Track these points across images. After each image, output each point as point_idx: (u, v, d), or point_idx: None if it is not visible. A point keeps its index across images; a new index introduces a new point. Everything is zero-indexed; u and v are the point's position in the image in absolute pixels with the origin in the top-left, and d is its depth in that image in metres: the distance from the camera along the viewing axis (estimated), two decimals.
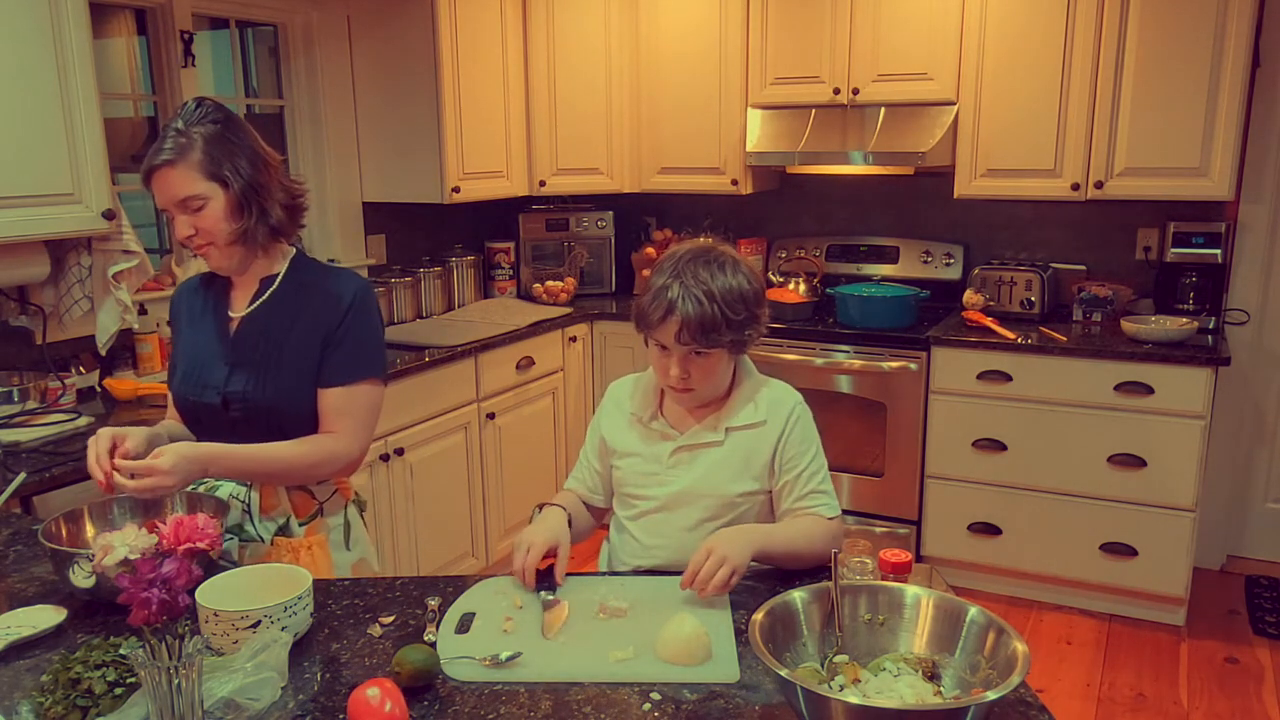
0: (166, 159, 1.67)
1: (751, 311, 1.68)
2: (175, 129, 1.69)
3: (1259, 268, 3.60)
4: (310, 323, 1.78)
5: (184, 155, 1.67)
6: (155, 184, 1.70)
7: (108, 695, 1.18)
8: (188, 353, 1.84)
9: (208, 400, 1.78)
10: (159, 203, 1.72)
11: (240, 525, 1.79)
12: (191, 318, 1.87)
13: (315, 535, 1.83)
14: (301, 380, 1.77)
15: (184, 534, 1.45)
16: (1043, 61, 3.44)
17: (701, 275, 1.64)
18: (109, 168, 2.55)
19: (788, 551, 1.65)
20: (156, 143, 1.70)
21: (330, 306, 1.78)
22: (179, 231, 1.73)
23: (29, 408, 2.53)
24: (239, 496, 1.79)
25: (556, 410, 3.94)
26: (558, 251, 4.38)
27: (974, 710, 1.05)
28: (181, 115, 1.71)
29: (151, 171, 1.69)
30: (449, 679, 1.31)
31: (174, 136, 1.68)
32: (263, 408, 1.76)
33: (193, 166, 1.68)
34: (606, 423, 1.84)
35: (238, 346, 1.79)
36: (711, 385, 1.72)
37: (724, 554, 1.52)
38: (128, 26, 3.21)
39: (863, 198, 4.19)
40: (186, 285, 1.93)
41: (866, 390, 3.62)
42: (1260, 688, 3.04)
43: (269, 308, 1.80)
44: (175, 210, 1.71)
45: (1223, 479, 3.74)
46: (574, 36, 4.08)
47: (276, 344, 1.78)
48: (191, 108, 1.71)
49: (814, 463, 1.74)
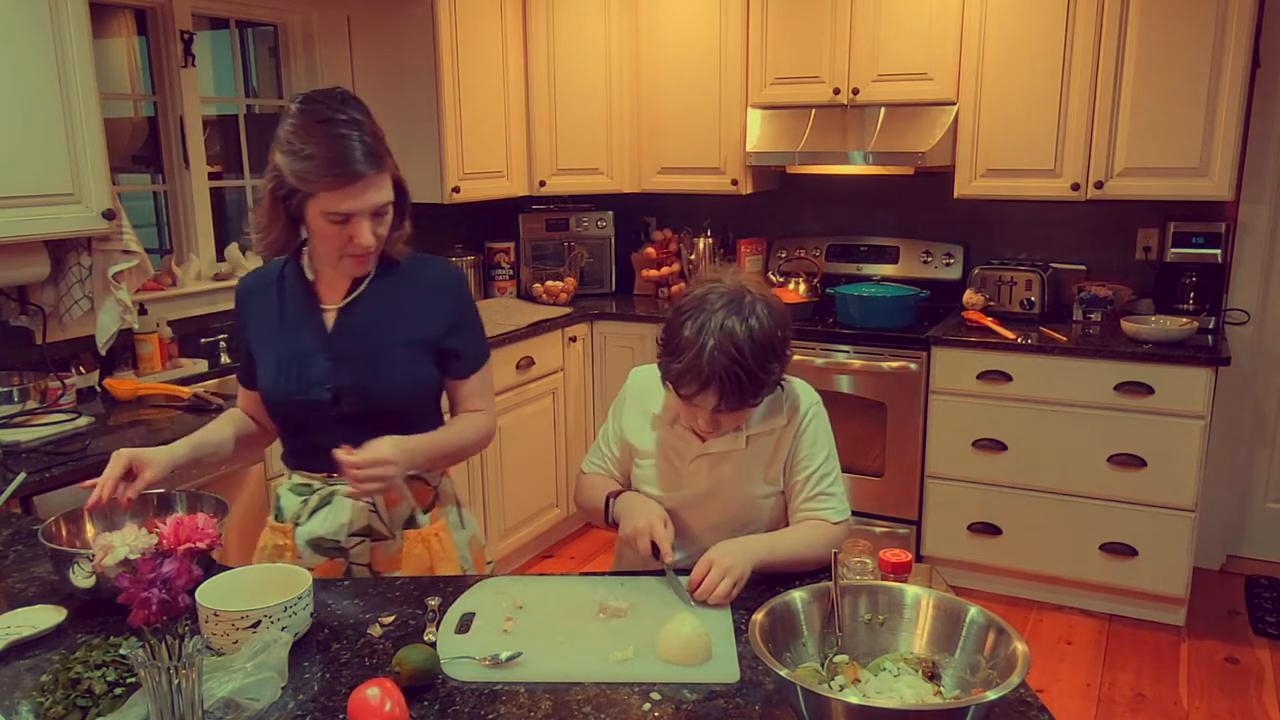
0: (372, 166, 1.56)
1: (783, 360, 1.62)
2: (368, 135, 1.57)
3: (1259, 268, 3.60)
4: (418, 311, 1.74)
5: (382, 161, 1.58)
6: (355, 191, 1.55)
7: (108, 695, 1.18)
8: (276, 351, 1.73)
9: (315, 398, 1.70)
10: (347, 208, 1.56)
11: (368, 526, 1.76)
12: (269, 314, 1.76)
13: (438, 521, 1.82)
14: (414, 368, 1.74)
15: (184, 534, 1.45)
16: (1042, 61, 3.44)
17: (735, 334, 1.54)
18: (109, 168, 2.55)
19: (789, 560, 1.64)
20: (334, 145, 1.53)
21: (438, 295, 1.76)
22: (362, 239, 1.60)
23: (29, 408, 2.53)
24: None
25: (556, 410, 3.94)
26: (558, 251, 4.38)
27: (974, 710, 1.05)
28: (349, 110, 1.58)
29: (355, 179, 1.55)
30: (449, 679, 1.31)
31: (370, 141, 1.56)
32: (376, 399, 1.71)
33: (385, 170, 1.60)
34: (628, 419, 1.82)
35: (339, 340, 1.72)
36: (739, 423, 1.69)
37: (727, 565, 1.53)
38: (128, 26, 3.21)
39: (863, 198, 4.19)
40: (252, 282, 1.81)
41: (866, 390, 3.62)
42: (1260, 688, 3.04)
43: (367, 298, 1.73)
44: (364, 217, 1.59)
45: (1223, 479, 3.74)
46: (574, 36, 4.08)
47: (381, 334, 1.72)
48: (353, 106, 1.59)
49: (825, 464, 1.73)
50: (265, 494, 2.68)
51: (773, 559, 1.62)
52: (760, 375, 1.57)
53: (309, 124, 1.55)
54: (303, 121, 1.56)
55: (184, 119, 3.25)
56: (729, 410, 1.59)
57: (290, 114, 1.58)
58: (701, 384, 1.56)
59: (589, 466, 1.89)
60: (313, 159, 1.53)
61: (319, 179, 1.54)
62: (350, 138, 1.55)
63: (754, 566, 1.57)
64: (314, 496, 1.77)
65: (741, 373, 1.54)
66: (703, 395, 1.58)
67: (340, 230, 1.59)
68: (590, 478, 1.87)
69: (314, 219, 1.59)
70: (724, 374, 1.53)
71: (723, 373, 1.53)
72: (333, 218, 1.57)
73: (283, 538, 1.78)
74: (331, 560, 1.76)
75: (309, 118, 1.56)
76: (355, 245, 1.61)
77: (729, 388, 1.55)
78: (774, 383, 1.63)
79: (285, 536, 1.78)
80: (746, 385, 1.56)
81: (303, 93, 1.62)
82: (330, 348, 1.71)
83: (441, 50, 3.60)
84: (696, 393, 1.58)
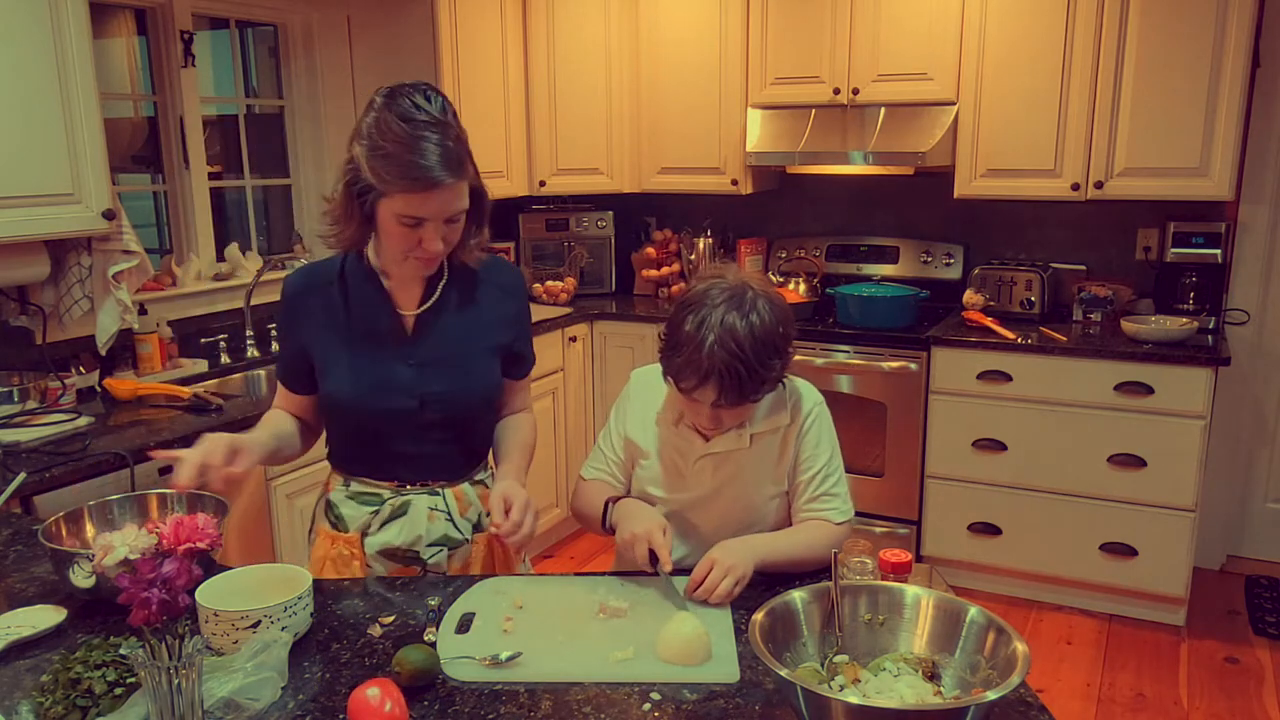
0: (450, 173, 1.49)
1: (784, 357, 1.62)
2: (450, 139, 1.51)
3: (1259, 268, 3.60)
4: (492, 315, 1.73)
5: (462, 167, 1.52)
6: (430, 197, 1.49)
7: (108, 695, 1.18)
8: (348, 356, 1.66)
9: (399, 405, 1.65)
10: (420, 213, 1.51)
11: (445, 535, 1.74)
12: (333, 316, 1.66)
13: None
14: (494, 373, 1.74)
15: (184, 534, 1.45)
16: (1042, 61, 3.44)
17: (736, 329, 1.53)
18: (109, 168, 2.55)
19: (791, 560, 1.64)
20: (414, 146, 1.46)
21: (509, 299, 1.76)
22: (431, 245, 1.54)
23: (29, 408, 2.53)
24: (438, 507, 1.73)
25: (556, 410, 3.94)
26: (558, 251, 4.38)
27: (974, 710, 1.05)
28: (434, 108, 1.51)
29: (432, 185, 1.48)
30: (449, 679, 1.30)
31: (452, 145, 1.50)
32: (460, 405, 1.69)
33: (464, 178, 1.54)
34: (631, 419, 1.81)
35: (423, 347, 1.68)
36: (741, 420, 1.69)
37: (729, 564, 1.52)
38: (128, 26, 3.21)
39: (863, 198, 4.19)
40: (306, 280, 1.69)
41: (866, 390, 3.62)
42: (1260, 688, 3.04)
43: (445, 302, 1.70)
44: (436, 222, 1.53)
45: (1223, 479, 3.74)
46: (574, 36, 4.08)
47: (461, 339, 1.70)
48: (440, 104, 1.52)
49: (829, 464, 1.73)
50: (265, 494, 2.68)
51: (774, 558, 1.61)
52: (760, 371, 1.56)
53: (392, 120, 1.48)
54: (385, 116, 1.49)
55: (184, 119, 3.25)
56: (729, 405, 1.59)
57: (374, 106, 1.52)
58: (701, 378, 1.56)
59: (589, 473, 1.86)
60: (390, 158, 1.47)
61: (395, 180, 1.48)
62: (430, 140, 1.47)
63: (756, 566, 1.56)
64: (385, 507, 1.73)
65: (741, 367, 1.54)
66: (702, 389, 1.57)
67: (410, 232, 1.53)
68: (589, 484, 1.84)
69: (385, 218, 1.54)
70: (724, 368, 1.53)
71: (723, 367, 1.53)
72: (404, 220, 1.52)
73: (348, 547, 1.73)
74: (406, 566, 1.74)
75: (392, 113, 1.48)
76: (422, 249, 1.55)
77: (729, 382, 1.54)
78: (775, 379, 1.62)
79: (352, 546, 1.73)
80: (746, 380, 1.55)
81: (389, 85, 1.54)
82: (414, 354, 1.67)
83: (441, 50, 3.60)
84: (696, 386, 1.58)
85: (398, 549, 1.73)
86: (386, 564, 1.74)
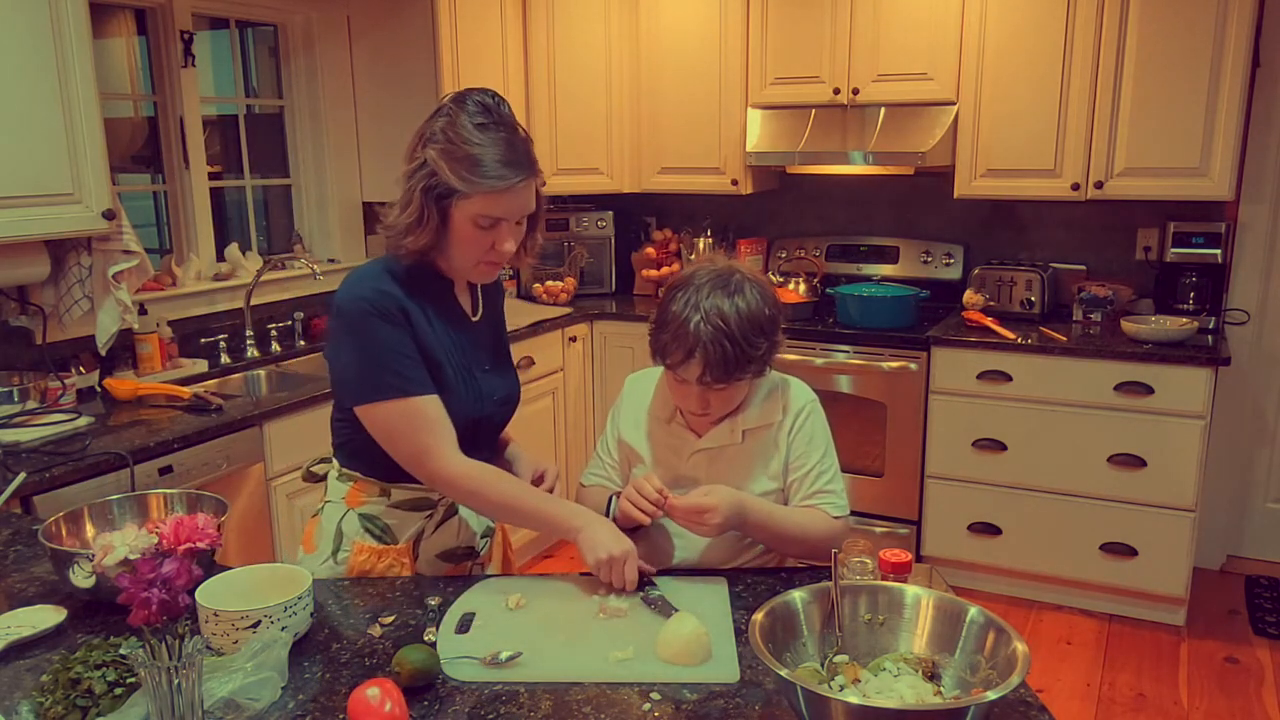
0: (529, 170, 1.53)
1: (771, 338, 1.65)
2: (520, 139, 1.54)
3: (1259, 268, 3.60)
4: (500, 315, 1.82)
5: (535, 166, 1.56)
6: (511, 195, 1.52)
7: (108, 695, 1.18)
8: (450, 363, 1.63)
9: (488, 413, 1.69)
10: (499, 212, 1.53)
11: (488, 526, 1.81)
12: (429, 324, 1.62)
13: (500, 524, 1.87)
14: None
15: (184, 534, 1.45)
16: (1042, 61, 3.44)
17: (722, 307, 1.58)
18: (109, 168, 2.55)
19: (778, 532, 1.67)
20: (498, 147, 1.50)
21: (500, 297, 1.84)
22: (505, 245, 1.56)
23: (29, 408, 2.53)
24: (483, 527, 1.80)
25: (556, 410, 3.94)
26: (558, 251, 4.38)
27: (974, 710, 1.05)
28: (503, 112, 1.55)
29: (516, 182, 1.52)
30: (449, 679, 1.31)
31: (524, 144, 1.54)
32: (514, 406, 1.76)
33: (537, 176, 1.57)
34: (625, 422, 1.83)
35: (491, 352, 1.73)
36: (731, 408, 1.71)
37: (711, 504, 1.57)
38: (128, 26, 3.21)
39: (863, 198, 4.19)
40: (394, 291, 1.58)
41: (866, 390, 3.62)
42: (1260, 688, 3.04)
43: (487, 305, 1.76)
44: (510, 222, 1.56)
45: (1223, 479, 3.74)
46: (574, 36, 4.08)
47: (502, 342, 1.78)
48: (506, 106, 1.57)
49: (823, 461, 1.74)
50: (265, 494, 2.68)
51: (760, 519, 1.64)
52: (746, 349, 1.59)
53: (467, 121, 1.51)
54: (460, 119, 1.52)
55: (184, 119, 3.25)
56: (715, 382, 1.61)
57: (444, 111, 1.55)
58: (687, 352, 1.59)
59: (589, 479, 1.87)
60: (473, 159, 1.49)
61: (480, 179, 1.49)
62: (507, 140, 1.52)
63: (738, 516, 1.60)
64: (439, 509, 1.71)
65: (727, 342, 1.57)
66: (688, 364, 1.60)
67: (485, 235, 1.55)
68: (589, 490, 1.85)
69: (460, 222, 1.54)
70: (709, 341, 1.57)
71: (708, 340, 1.57)
72: (482, 221, 1.53)
73: (396, 558, 1.67)
74: (458, 565, 1.76)
75: (470, 117, 1.52)
76: (496, 252, 1.57)
77: (714, 356, 1.57)
78: (761, 360, 1.64)
79: (402, 557, 1.67)
80: (731, 355, 1.58)
81: (458, 90, 1.58)
82: (487, 360, 1.72)
83: (441, 50, 3.60)
84: (682, 361, 1.61)
85: (455, 549, 1.74)
86: (440, 565, 1.73)
